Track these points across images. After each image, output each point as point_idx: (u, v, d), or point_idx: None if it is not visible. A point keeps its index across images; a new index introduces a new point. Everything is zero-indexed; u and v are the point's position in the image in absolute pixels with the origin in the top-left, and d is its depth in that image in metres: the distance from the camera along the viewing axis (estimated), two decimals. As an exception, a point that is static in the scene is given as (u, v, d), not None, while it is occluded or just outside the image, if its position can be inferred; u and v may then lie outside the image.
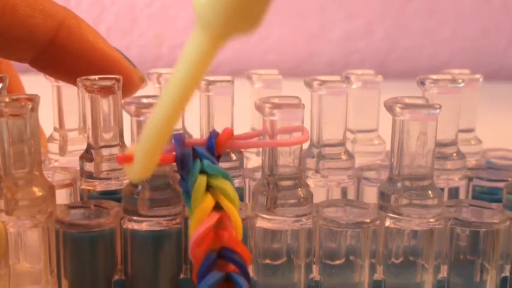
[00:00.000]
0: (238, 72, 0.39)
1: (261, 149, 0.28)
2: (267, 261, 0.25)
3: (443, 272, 0.26)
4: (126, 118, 0.25)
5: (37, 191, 0.24)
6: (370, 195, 0.29)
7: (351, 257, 0.26)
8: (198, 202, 0.17)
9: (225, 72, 0.29)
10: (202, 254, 0.16)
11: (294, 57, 0.87)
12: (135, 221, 0.25)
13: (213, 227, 0.17)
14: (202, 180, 0.18)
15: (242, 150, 0.28)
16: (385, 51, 0.88)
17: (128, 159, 0.18)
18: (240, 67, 0.76)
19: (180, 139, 0.20)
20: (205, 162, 0.18)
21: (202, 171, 0.18)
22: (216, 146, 0.20)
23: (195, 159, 0.19)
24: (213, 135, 0.21)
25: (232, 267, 0.16)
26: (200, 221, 0.17)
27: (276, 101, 0.24)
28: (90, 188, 0.27)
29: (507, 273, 0.27)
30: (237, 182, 0.28)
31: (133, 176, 0.19)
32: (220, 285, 0.16)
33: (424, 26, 0.88)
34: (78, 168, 0.28)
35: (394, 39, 0.88)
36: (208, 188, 0.18)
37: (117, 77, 0.27)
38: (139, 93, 0.29)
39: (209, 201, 0.17)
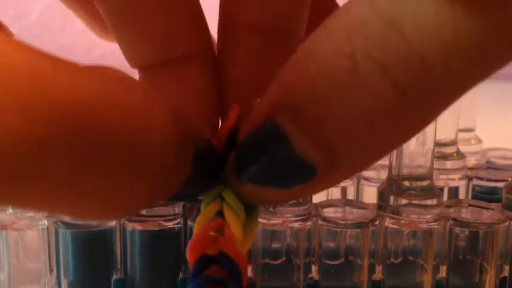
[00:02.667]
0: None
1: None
2: (266, 260, 0.25)
3: (442, 272, 0.26)
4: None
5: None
6: (370, 195, 0.29)
7: (350, 257, 0.26)
8: (203, 206, 0.17)
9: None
10: (196, 257, 0.16)
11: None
12: (134, 220, 0.25)
13: (216, 233, 0.17)
14: (215, 189, 0.18)
15: None
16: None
17: None
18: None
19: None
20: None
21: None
22: None
23: None
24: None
25: (226, 273, 0.16)
26: (200, 226, 0.17)
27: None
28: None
29: (506, 274, 0.27)
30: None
31: None
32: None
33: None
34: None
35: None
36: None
37: None
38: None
39: (211, 208, 0.17)
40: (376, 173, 0.30)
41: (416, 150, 0.25)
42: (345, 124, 0.15)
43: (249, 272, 0.26)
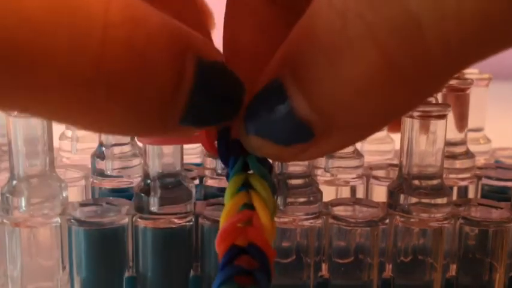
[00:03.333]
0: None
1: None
2: (277, 259, 0.26)
3: (452, 271, 0.27)
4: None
5: (49, 189, 0.24)
6: (379, 194, 0.30)
7: (360, 256, 0.26)
8: (228, 199, 0.17)
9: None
10: (226, 248, 0.16)
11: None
12: (146, 218, 0.25)
13: (243, 223, 0.17)
14: (238, 177, 0.18)
15: None
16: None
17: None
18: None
19: (226, 130, 0.19)
20: (252, 158, 0.18)
21: (245, 166, 0.18)
22: None
23: (240, 154, 0.18)
24: None
25: (256, 264, 0.16)
26: (228, 217, 0.17)
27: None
28: (102, 185, 0.27)
29: (515, 272, 0.27)
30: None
31: None
32: (240, 279, 0.16)
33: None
34: (90, 166, 0.28)
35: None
36: (248, 185, 0.18)
37: None
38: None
39: (239, 199, 0.17)
40: (386, 172, 0.31)
41: (426, 149, 0.25)
42: (336, 87, 0.15)
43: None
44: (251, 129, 0.17)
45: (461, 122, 0.30)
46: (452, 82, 0.29)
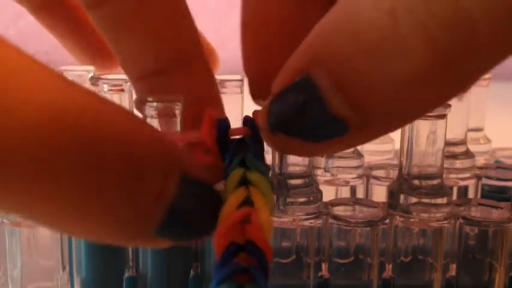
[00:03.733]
0: (237, 71, 0.39)
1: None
2: (277, 259, 0.26)
3: (452, 271, 0.27)
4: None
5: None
6: (379, 194, 0.30)
7: (360, 256, 0.26)
8: (227, 195, 0.17)
9: (225, 72, 0.29)
10: (224, 245, 0.16)
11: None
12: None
13: (241, 221, 0.17)
14: (236, 173, 0.18)
15: None
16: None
17: None
18: (240, 67, 0.76)
19: (225, 125, 0.19)
20: (250, 155, 0.18)
21: (242, 164, 0.18)
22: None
23: (239, 151, 0.18)
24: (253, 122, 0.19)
25: (254, 262, 0.16)
26: (227, 214, 0.17)
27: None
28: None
29: (516, 272, 0.27)
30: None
31: None
32: (237, 276, 0.16)
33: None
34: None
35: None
36: (246, 181, 0.18)
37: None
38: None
39: (238, 195, 0.17)
40: (386, 172, 0.31)
41: (426, 149, 0.25)
42: (380, 83, 0.15)
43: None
44: (277, 128, 0.17)
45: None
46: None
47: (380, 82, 0.15)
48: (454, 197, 0.29)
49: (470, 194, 0.30)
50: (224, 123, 0.19)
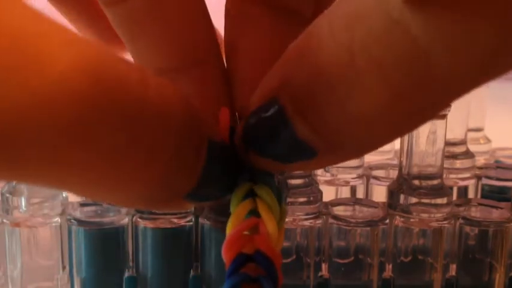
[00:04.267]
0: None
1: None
2: (277, 259, 0.26)
3: (452, 271, 0.27)
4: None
5: (49, 189, 0.24)
6: (379, 194, 0.30)
7: (360, 256, 0.26)
8: (234, 207, 0.17)
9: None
10: (233, 256, 0.16)
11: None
12: (146, 218, 0.25)
13: (249, 231, 0.17)
14: (244, 186, 0.18)
15: None
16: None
17: None
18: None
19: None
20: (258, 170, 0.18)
21: (251, 178, 0.18)
22: None
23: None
24: None
25: (262, 271, 0.16)
26: (235, 224, 0.17)
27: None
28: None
29: (515, 272, 0.27)
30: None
31: None
32: (247, 286, 0.16)
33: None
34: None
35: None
36: (253, 194, 0.18)
37: None
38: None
39: (245, 206, 0.17)
40: (386, 172, 0.31)
41: (426, 149, 0.25)
42: (340, 117, 0.15)
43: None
44: (251, 148, 0.17)
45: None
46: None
47: (341, 117, 0.15)
48: (454, 197, 0.29)
49: (470, 194, 0.30)
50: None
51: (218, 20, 0.24)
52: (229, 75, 0.22)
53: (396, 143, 0.30)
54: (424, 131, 0.25)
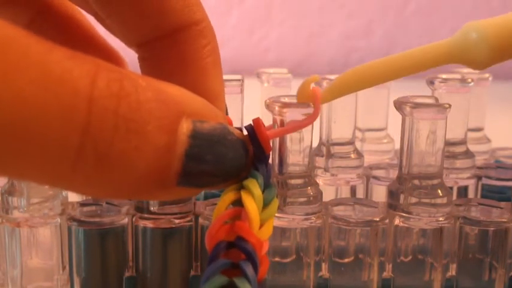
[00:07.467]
0: (237, 71, 0.39)
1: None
2: (276, 259, 0.26)
3: (452, 271, 0.27)
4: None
5: (49, 188, 0.24)
6: (379, 194, 0.30)
7: (360, 255, 0.26)
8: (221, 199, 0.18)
9: (225, 72, 0.29)
10: (213, 244, 0.17)
11: (294, 57, 0.87)
12: (146, 218, 0.25)
13: (232, 220, 0.17)
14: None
15: None
16: (384, 50, 0.88)
17: None
18: (240, 67, 0.76)
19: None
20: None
21: None
22: (261, 138, 0.19)
23: None
24: (252, 128, 0.19)
25: (243, 256, 0.16)
26: (216, 215, 0.17)
27: (286, 100, 0.24)
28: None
29: (516, 272, 0.27)
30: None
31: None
32: (226, 272, 0.16)
33: (424, 25, 0.88)
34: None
35: (393, 38, 0.88)
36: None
37: None
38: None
39: (228, 197, 0.18)
40: (386, 172, 0.31)
41: (426, 149, 0.25)
42: None
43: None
44: None
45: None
46: (453, 82, 0.29)
47: None
48: (454, 197, 0.29)
49: (470, 194, 0.30)
50: None
51: (218, 20, 0.23)
52: None
53: (396, 143, 0.30)
54: (424, 130, 0.25)
